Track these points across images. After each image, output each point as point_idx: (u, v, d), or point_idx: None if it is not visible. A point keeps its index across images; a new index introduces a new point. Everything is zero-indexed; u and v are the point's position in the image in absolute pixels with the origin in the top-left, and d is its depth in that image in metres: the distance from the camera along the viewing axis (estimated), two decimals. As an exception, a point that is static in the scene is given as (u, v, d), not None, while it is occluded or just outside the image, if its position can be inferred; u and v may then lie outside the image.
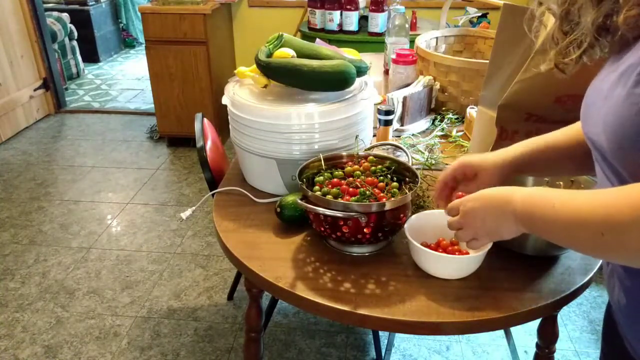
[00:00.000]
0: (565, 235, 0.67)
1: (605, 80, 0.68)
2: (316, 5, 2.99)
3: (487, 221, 0.80)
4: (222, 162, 1.83)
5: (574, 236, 0.65)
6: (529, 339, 1.94)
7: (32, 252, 2.45)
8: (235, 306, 2.13)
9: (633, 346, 0.72)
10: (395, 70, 1.79)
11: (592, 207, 0.61)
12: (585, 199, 0.63)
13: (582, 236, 0.63)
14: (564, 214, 0.65)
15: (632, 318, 0.71)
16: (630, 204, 0.57)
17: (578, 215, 0.63)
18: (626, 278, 0.70)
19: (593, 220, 0.61)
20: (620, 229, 0.58)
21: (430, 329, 0.98)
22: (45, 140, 3.63)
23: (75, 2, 5.11)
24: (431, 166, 1.43)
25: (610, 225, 0.59)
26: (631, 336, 0.73)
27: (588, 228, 0.62)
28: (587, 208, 0.62)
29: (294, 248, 1.15)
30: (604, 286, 0.80)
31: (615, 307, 0.75)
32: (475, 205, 0.82)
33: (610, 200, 0.60)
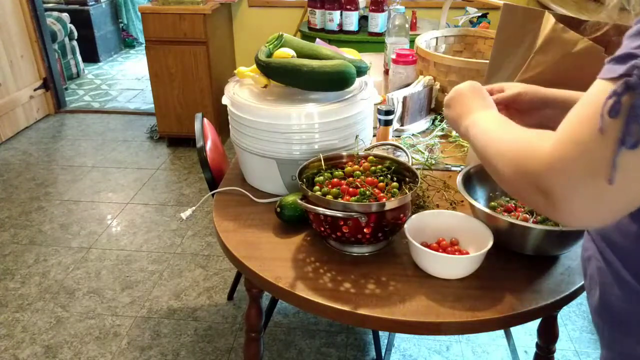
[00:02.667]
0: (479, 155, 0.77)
1: None
2: (316, 5, 2.99)
3: (452, 110, 0.93)
4: (222, 162, 1.83)
5: (482, 154, 0.75)
6: (529, 339, 1.94)
7: (32, 252, 2.45)
8: (235, 306, 2.13)
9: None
10: (395, 70, 1.79)
11: (494, 135, 0.73)
12: (495, 125, 0.76)
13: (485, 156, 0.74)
14: (477, 143, 0.77)
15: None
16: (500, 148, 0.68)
17: (483, 137, 0.76)
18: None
19: (487, 151, 0.72)
20: (488, 163, 0.71)
21: (430, 329, 0.98)
22: (45, 140, 3.63)
23: (75, 2, 5.11)
24: (431, 166, 1.43)
25: (488, 153, 0.71)
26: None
27: (485, 150, 0.73)
28: (493, 134, 0.74)
29: (294, 248, 1.15)
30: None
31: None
32: (452, 98, 0.95)
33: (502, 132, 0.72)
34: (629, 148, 0.50)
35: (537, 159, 0.58)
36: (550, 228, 1.02)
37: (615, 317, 0.68)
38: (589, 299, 0.74)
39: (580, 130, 0.54)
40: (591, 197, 0.54)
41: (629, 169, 0.52)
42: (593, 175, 0.53)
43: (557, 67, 1.17)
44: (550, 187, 0.56)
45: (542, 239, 1.03)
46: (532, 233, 1.03)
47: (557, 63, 1.17)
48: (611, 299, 0.67)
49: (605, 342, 0.72)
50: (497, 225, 1.05)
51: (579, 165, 0.54)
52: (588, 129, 0.53)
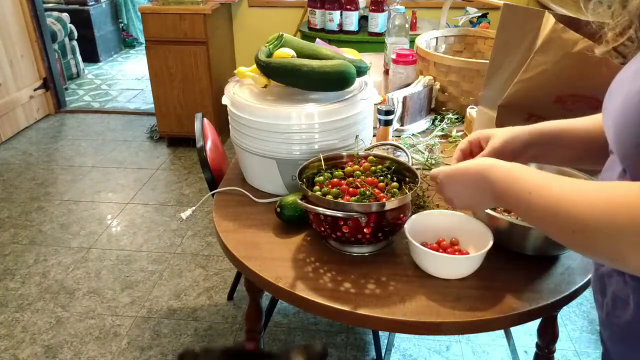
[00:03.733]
0: (539, 223, 0.65)
1: (627, 71, 0.64)
2: (316, 5, 2.99)
3: (462, 196, 0.81)
4: (222, 162, 1.83)
5: (547, 227, 0.63)
6: (529, 339, 1.94)
7: (32, 252, 2.45)
8: (235, 306, 2.13)
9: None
10: (395, 70, 1.79)
11: (567, 202, 0.59)
12: (561, 192, 0.61)
13: (554, 229, 0.62)
14: (538, 205, 0.63)
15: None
16: (603, 208, 0.55)
17: (551, 209, 0.61)
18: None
19: (565, 217, 0.59)
20: (589, 231, 0.57)
21: (430, 329, 0.98)
22: (45, 140, 3.63)
23: (75, 2, 5.10)
24: (431, 166, 1.43)
25: (582, 226, 0.57)
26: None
27: (560, 223, 0.60)
28: (562, 203, 0.60)
29: (294, 248, 1.15)
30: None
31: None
32: (449, 181, 0.83)
33: (586, 199, 0.58)
34: None
35: (633, 210, 0.52)
36: (550, 228, 1.02)
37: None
38: (610, 319, 0.67)
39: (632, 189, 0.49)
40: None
41: None
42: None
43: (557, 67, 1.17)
44: (632, 259, 0.52)
45: (542, 239, 1.03)
46: (532, 233, 1.03)
47: (557, 63, 1.17)
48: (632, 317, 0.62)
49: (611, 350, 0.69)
50: (497, 225, 1.05)
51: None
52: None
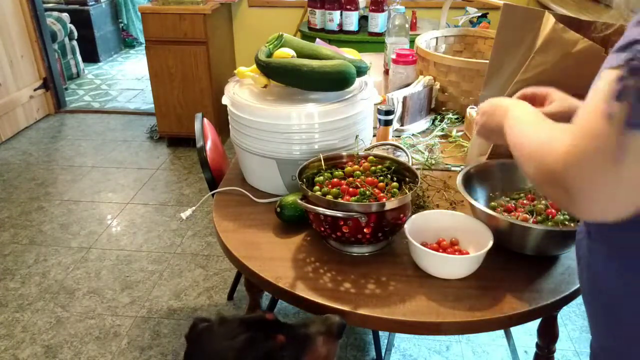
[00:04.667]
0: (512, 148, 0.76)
1: None
2: (316, 5, 2.99)
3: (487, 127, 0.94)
4: (222, 162, 1.83)
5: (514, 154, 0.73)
6: (529, 339, 1.94)
7: (32, 252, 2.45)
8: (235, 306, 2.13)
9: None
10: (395, 70, 1.79)
11: (523, 135, 0.72)
12: (526, 125, 0.75)
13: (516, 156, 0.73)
14: (511, 135, 0.77)
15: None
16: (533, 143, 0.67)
17: (515, 139, 0.75)
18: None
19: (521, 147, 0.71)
20: (521, 160, 0.69)
21: (430, 329, 0.98)
22: (45, 140, 3.63)
23: (75, 2, 5.10)
24: (431, 166, 1.43)
25: (517, 153, 0.71)
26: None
27: (515, 151, 0.73)
28: (522, 134, 0.73)
29: (294, 248, 1.15)
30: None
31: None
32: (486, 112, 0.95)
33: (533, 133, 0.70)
34: (634, 128, 0.51)
35: (553, 156, 0.59)
36: (550, 228, 1.02)
37: (604, 295, 0.69)
38: (581, 284, 0.76)
39: (590, 120, 0.55)
40: (606, 186, 0.54)
41: (637, 153, 0.52)
42: (605, 164, 0.53)
43: (557, 67, 1.17)
44: (567, 181, 0.57)
45: (542, 239, 1.03)
46: (532, 233, 1.03)
47: (557, 63, 1.17)
48: (599, 277, 0.69)
49: (594, 329, 0.73)
50: (497, 225, 1.05)
51: (591, 156, 0.54)
52: (596, 117, 0.54)
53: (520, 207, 1.14)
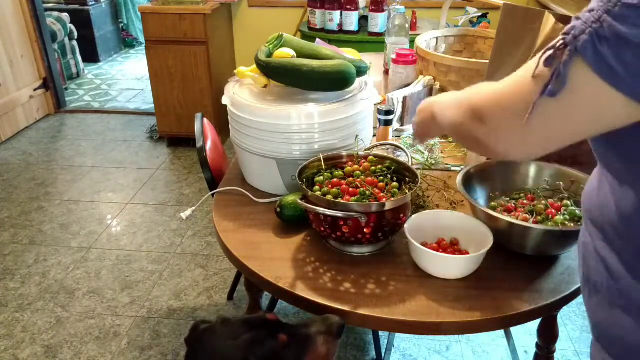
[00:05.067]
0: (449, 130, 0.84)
1: None
2: (316, 5, 2.99)
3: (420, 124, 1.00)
4: (222, 162, 1.83)
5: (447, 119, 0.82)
6: (529, 339, 1.94)
7: (32, 252, 2.45)
8: (235, 306, 2.13)
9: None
10: (395, 70, 1.79)
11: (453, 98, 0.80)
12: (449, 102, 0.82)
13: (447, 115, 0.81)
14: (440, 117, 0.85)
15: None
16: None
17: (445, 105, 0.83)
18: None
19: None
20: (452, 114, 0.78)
21: (430, 329, 0.98)
22: (45, 140, 3.63)
23: (75, 2, 5.10)
24: (431, 166, 1.43)
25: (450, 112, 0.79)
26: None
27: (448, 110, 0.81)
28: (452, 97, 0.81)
29: (294, 248, 1.15)
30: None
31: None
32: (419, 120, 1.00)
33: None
34: (548, 95, 0.58)
35: (478, 95, 0.70)
36: (550, 228, 1.02)
37: (591, 284, 0.72)
38: (587, 285, 0.76)
39: (522, 74, 0.63)
40: (516, 130, 0.63)
41: (547, 113, 0.60)
42: (519, 112, 0.62)
43: (557, 67, 1.17)
44: (487, 117, 0.67)
45: (542, 239, 1.03)
46: (532, 233, 1.03)
47: (557, 63, 1.17)
48: (591, 271, 0.71)
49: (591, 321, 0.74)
50: (497, 225, 1.05)
51: (510, 101, 0.64)
52: (527, 73, 0.62)
53: (520, 207, 1.14)
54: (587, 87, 0.56)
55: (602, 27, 0.53)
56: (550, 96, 0.58)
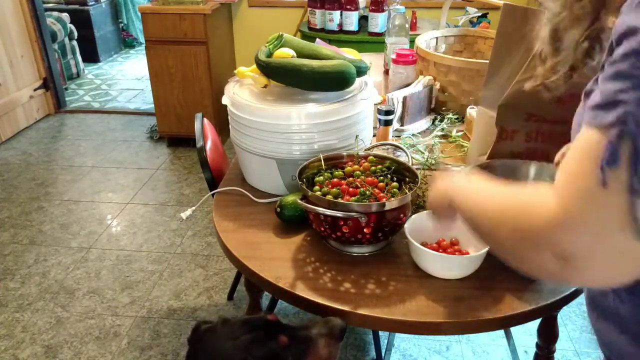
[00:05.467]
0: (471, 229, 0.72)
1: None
2: (316, 5, 2.99)
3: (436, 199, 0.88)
4: (222, 162, 1.83)
5: (474, 223, 0.71)
6: (529, 339, 1.94)
7: (32, 252, 2.45)
8: (235, 306, 2.13)
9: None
10: (395, 70, 1.79)
11: (486, 200, 0.68)
12: (485, 190, 0.70)
13: (474, 231, 0.71)
14: (465, 209, 0.73)
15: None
16: (491, 215, 0.64)
17: (472, 214, 0.71)
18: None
19: (479, 222, 0.69)
20: (482, 231, 0.68)
21: (430, 329, 0.98)
22: (45, 140, 3.63)
23: (75, 2, 5.10)
24: (431, 166, 1.43)
25: (478, 230, 0.69)
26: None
27: (475, 228, 0.70)
28: (484, 199, 0.68)
29: (294, 248, 1.15)
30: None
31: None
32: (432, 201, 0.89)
33: (489, 205, 0.66)
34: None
35: (544, 219, 0.54)
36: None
37: (599, 309, 0.68)
38: (594, 302, 0.73)
39: (583, 184, 0.51)
40: (614, 253, 0.51)
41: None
42: (612, 230, 0.50)
43: (557, 67, 1.17)
44: (568, 247, 0.52)
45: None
46: (532, 233, 1.03)
47: (557, 63, 1.17)
48: (594, 292, 0.67)
49: (598, 340, 0.72)
50: (497, 225, 1.05)
51: (591, 222, 0.51)
52: (590, 182, 0.50)
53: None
54: None
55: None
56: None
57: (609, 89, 0.51)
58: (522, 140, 1.28)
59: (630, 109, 0.48)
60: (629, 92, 0.49)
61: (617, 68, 0.50)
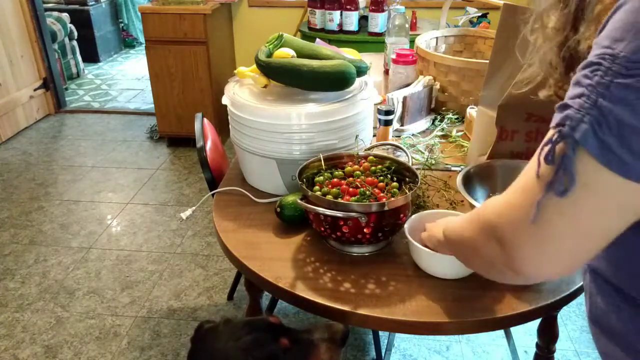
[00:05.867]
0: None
1: None
2: (316, 5, 2.99)
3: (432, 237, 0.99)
4: (222, 162, 1.83)
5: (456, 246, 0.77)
6: (529, 339, 1.94)
7: (32, 252, 2.45)
8: (235, 306, 2.13)
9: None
10: (395, 70, 1.79)
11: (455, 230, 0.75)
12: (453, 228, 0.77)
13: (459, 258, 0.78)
14: (449, 240, 0.80)
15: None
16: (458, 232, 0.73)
17: (453, 238, 0.77)
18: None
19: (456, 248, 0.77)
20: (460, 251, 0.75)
21: (430, 329, 0.98)
22: (45, 140, 3.63)
23: (75, 2, 5.11)
24: (431, 166, 1.43)
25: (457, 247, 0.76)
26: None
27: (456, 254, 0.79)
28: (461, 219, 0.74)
29: (294, 248, 1.15)
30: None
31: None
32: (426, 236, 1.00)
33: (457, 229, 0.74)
34: (558, 195, 0.51)
35: (490, 208, 0.61)
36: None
37: (604, 327, 0.67)
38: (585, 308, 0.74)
39: (526, 177, 0.56)
40: (536, 243, 0.55)
41: (563, 215, 0.52)
42: (527, 221, 0.54)
43: (557, 67, 1.17)
44: (501, 233, 0.58)
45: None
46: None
47: (557, 63, 1.17)
48: (597, 311, 0.67)
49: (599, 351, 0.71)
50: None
51: (521, 211, 0.55)
52: (530, 174, 0.55)
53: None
54: (597, 182, 0.50)
55: (602, 114, 0.48)
56: (560, 196, 0.51)
57: (567, 93, 0.54)
58: (522, 140, 1.28)
59: (570, 112, 0.51)
60: (574, 98, 0.51)
61: (575, 76, 0.53)
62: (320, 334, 0.91)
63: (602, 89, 0.49)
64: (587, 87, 0.50)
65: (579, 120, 0.50)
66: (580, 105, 0.50)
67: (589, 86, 0.50)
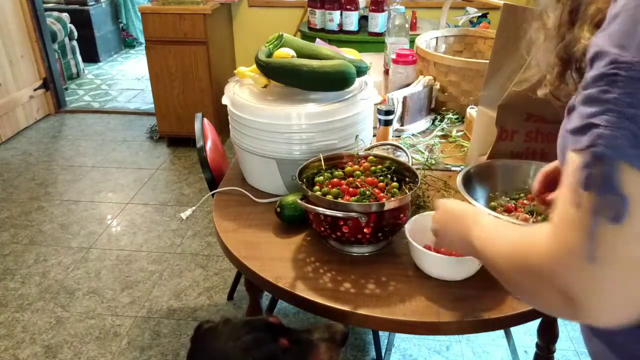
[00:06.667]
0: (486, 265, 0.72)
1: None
2: (316, 5, 2.99)
3: (448, 238, 0.86)
4: (222, 162, 1.83)
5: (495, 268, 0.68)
6: (529, 339, 1.94)
7: (32, 252, 2.45)
8: (235, 306, 2.13)
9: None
10: (395, 70, 1.79)
11: (494, 252, 0.66)
12: (495, 242, 0.67)
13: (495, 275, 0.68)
14: (483, 256, 0.71)
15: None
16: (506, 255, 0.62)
17: (488, 259, 0.69)
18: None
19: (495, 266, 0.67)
20: (501, 277, 0.65)
21: (430, 329, 0.98)
22: (45, 140, 3.63)
23: (75, 2, 5.10)
24: (431, 166, 1.43)
25: (497, 273, 0.66)
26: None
27: (493, 271, 0.68)
28: (492, 253, 0.67)
29: (294, 248, 1.15)
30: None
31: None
32: (441, 221, 0.87)
33: (504, 248, 0.63)
34: (612, 222, 0.47)
35: (536, 252, 0.54)
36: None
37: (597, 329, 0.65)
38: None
39: (565, 209, 0.51)
40: (591, 285, 0.49)
41: (626, 242, 0.47)
42: (582, 259, 0.49)
43: (557, 67, 1.17)
44: (557, 279, 0.51)
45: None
46: (532, 233, 1.03)
47: (557, 63, 1.17)
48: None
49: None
50: (497, 225, 1.05)
51: (573, 249, 0.49)
52: (569, 207, 0.50)
53: (520, 207, 1.14)
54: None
55: (636, 123, 0.47)
56: (614, 222, 0.47)
57: (582, 112, 0.51)
58: (522, 140, 1.28)
59: (600, 131, 0.49)
60: (598, 116, 0.49)
61: (589, 92, 0.51)
62: (320, 334, 0.91)
63: (628, 98, 0.47)
64: (610, 101, 0.48)
65: (612, 136, 0.48)
66: (608, 121, 0.48)
67: (613, 99, 0.48)
